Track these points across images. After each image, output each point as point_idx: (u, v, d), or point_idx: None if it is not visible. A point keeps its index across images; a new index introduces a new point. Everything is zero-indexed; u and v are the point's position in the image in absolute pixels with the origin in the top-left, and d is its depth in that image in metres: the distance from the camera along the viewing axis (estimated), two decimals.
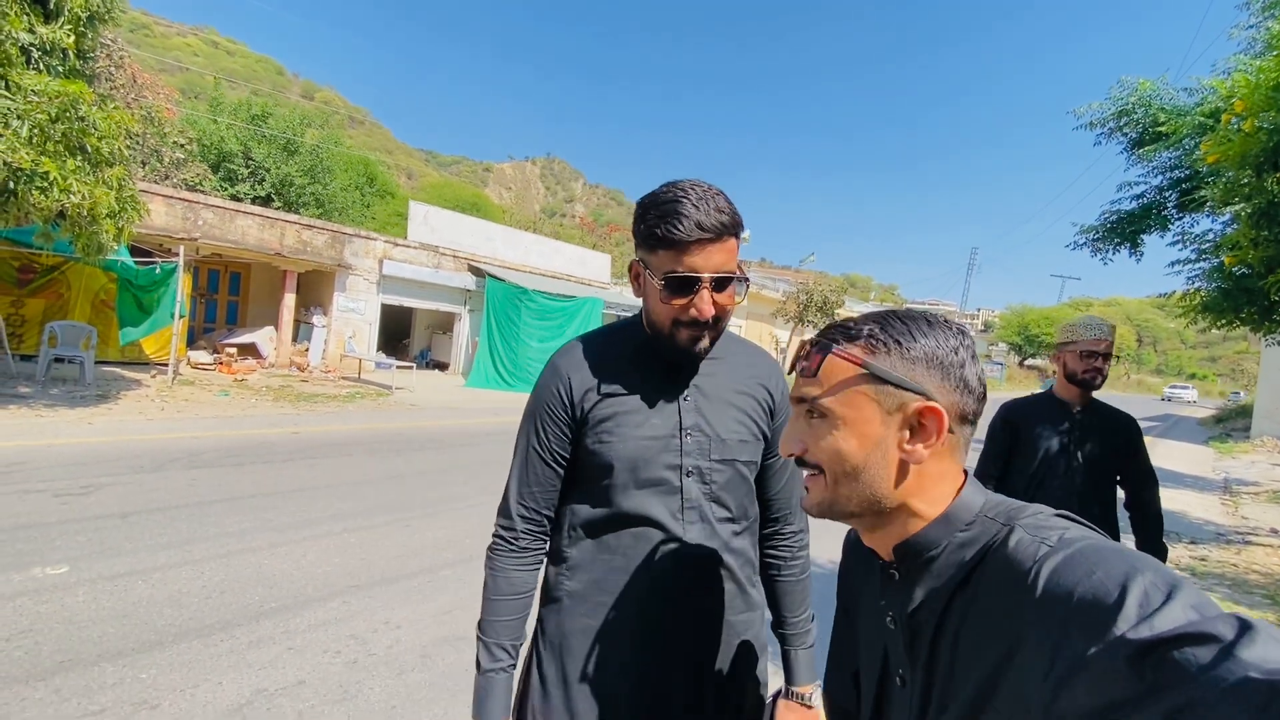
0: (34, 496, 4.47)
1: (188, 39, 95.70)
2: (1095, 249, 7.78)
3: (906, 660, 0.68)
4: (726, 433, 1.12)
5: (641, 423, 1.08)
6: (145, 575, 3.45)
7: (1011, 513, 0.64)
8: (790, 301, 25.89)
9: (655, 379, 1.11)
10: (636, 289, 1.11)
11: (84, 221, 6.41)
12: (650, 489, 1.08)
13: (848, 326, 0.70)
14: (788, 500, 1.23)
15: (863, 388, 0.66)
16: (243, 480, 5.43)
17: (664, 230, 0.98)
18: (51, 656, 2.63)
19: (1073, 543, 0.55)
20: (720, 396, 1.14)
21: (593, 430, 1.09)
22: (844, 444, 0.66)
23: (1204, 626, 0.43)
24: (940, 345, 0.67)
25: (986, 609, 0.60)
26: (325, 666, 2.77)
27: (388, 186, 33.03)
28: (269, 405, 9.43)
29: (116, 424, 7.12)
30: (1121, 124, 6.83)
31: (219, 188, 18.44)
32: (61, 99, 5.70)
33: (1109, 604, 0.48)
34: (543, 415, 1.12)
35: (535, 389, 1.16)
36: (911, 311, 0.71)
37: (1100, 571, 0.51)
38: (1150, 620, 0.45)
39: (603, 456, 1.08)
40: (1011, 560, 0.58)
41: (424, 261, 15.59)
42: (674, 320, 1.04)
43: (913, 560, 0.68)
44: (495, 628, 1.11)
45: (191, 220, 11.79)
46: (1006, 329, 52.81)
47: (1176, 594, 0.47)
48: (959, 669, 0.61)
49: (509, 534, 1.14)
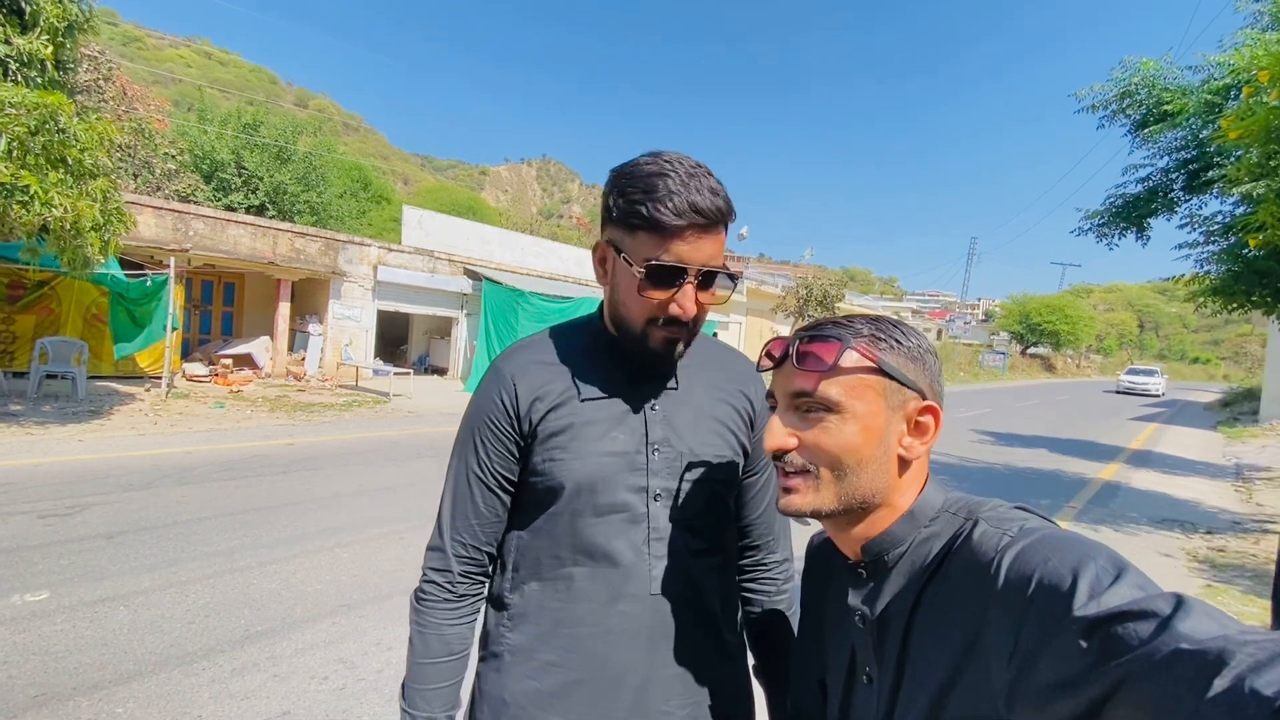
0: (18, 519, 4.35)
1: (180, 51, 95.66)
2: (1101, 234, 7.65)
3: (874, 659, 0.69)
4: (701, 447, 0.94)
5: (601, 435, 0.90)
6: (127, 600, 3.32)
7: (973, 507, 0.66)
8: (790, 296, 25.76)
9: (618, 384, 0.93)
10: (602, 275, 0.93)
11: (68, 235, 6.28)
12: (610, 516, 0.89)
13: (843, 323, 0.70)
14: (769, 526, 1.05)
15: (872, 382, 0.67)
16: (234, 495, 5.31)
17: (650, 209, 0.82)
18: (25, 691, 2.51)
19: (1032, 532, 0.58)
20: (694, 405, 0.96)
21: (542, 445, 0.91)
22: (851, 437, 0.66)
23: (1145, 604, 0.47)
24: (924, 347, 0.70)
25: (953, 599, 0.62)
26: (312, 694, 2.64)
27: (383, 192, 32.92)
28: (265, 416, 9.31)
29: (107, 440, 7.00)
30: (1125, 105, 6.68)
31: (212, 198, 18.32)
32: (40, 111, 5.57)
33: (1064, 589, 0.51)
34: (483, 430, 0.94)
35: (474, 399, 0.97)
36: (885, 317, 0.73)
37: (1055, 559, 0.54)
38: (1099, 599, 0.49)
39: (553, 477, 0.90)
40: (976, 552, 0.61)
41: (419, 266, 15.46)
42: (648, 319, 0.87)
43: (880, 558, 0.69)
44: (425, 697, 0.92)
45: (182, 231, 11.67)
46: (1008, 318, 52.44)
47: (1124, 575, 0.50)
48: (928, 661, 0.63)
49: (443, 578, 0.95)
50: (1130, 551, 5.39)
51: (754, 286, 27.85)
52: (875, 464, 0.67)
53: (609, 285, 0.92)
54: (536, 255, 19.16)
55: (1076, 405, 23.11)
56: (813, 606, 0.86)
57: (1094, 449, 11.79)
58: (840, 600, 0.75)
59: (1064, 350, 55.04)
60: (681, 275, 0.84)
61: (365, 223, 26.06)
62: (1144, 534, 6.00)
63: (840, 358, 0.67)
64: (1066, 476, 8.71)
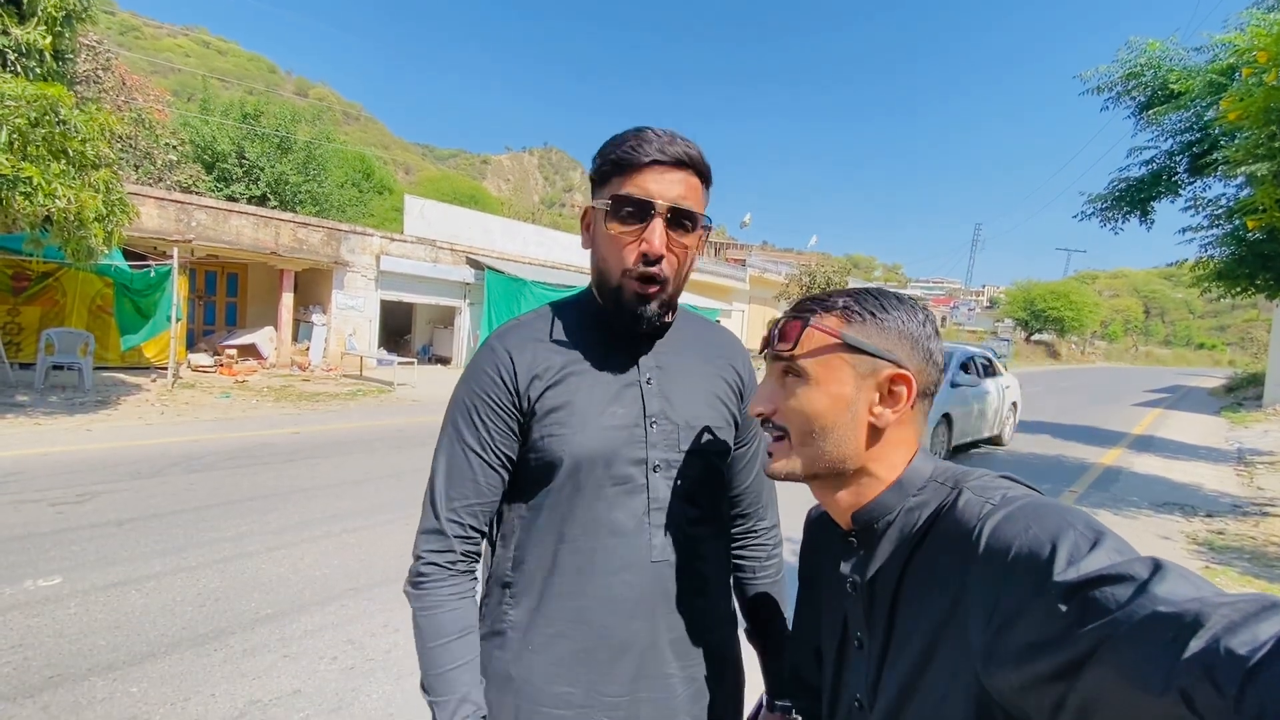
0: (29, 507, 4.41)
1: (179, 40, 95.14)
2: (1105, 218, 7.61)
3: (865, 624, 0.72)
4: (696, 420, 0.97)
5: (599, 410, 0.92)
6: (139, 584, 3.38)
7: (959, 476, 0.68)
8: (793, 284, 25.69)
9: (612, 358, 0.95)
10: (586, 239, 0.96)
11: (71, 226, 6.30)
12: (610, 489, 0.91)
13: (823, 299, 0.73)
14: (759, 494, 1.09)
15: (840, 353, 0.69)
16: (241, 483, 5.36)
17: (620, 153, 0.86)
18: (41, 672, 2.57)
19: (1014, 500, 0.60)
20: (687, 378, 0.99)
21: (540, 422, 0.91)
22: (817, 404, 0.69)
23: (1123, 568, 0.48)
24: (910, 319, 0.71)
25: (937, 567, 0.64)
26: (322, 674, 2.69)
27: (385, 182, 32.83)
28: (270, 406, 9.37)
29: (115, 430, 7.06)
30: (1130, 87, 6.62)
31: (214, 189, 18.31)
32: (40, 102, 5.58)
33: (1043, 555, 0.52)
34: (481, 406, 0.93)
35: (466, 377, 0.96)
36: (883, 289, 0.75)
37: (1036, 526, 0.55)
38: (1077, 564, 0.50)
39: (554, 452, 0.90)
40: (960, 520, 0.62)
41: (422, 256, 15.46)
42: (623, 269, 0.89)
43: (870, 526, 0.71)
44: (448, 680, 0.88)
45: (185, 222, 11.68)
46: (1012, 304, 52.24)
47: (1102, 541, 0.52)
48: (913, 625, 0.65)
49: (443, 558, 0.92)
50: (1129, 534, 5.42)
51: (756, 274, 27.78)
52: (840, 429, 0.69)
53: (590, 245, 0.95)
54: (539, 244, 19.13)
55: (1081, 392, 23.07)
56: (810, 576, 0.89)
57: (1097, 434, 11.79)
58: (834, 569, 0.78)
59: (1069, 337, 54.84)
60: (649, 209, 0.85)
61: (367, 212, 26.01)
62: (1144, 517, 6.03)
63: (801, 336, 0.70)
64: (1069, 462, 8.73)
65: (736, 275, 26.88)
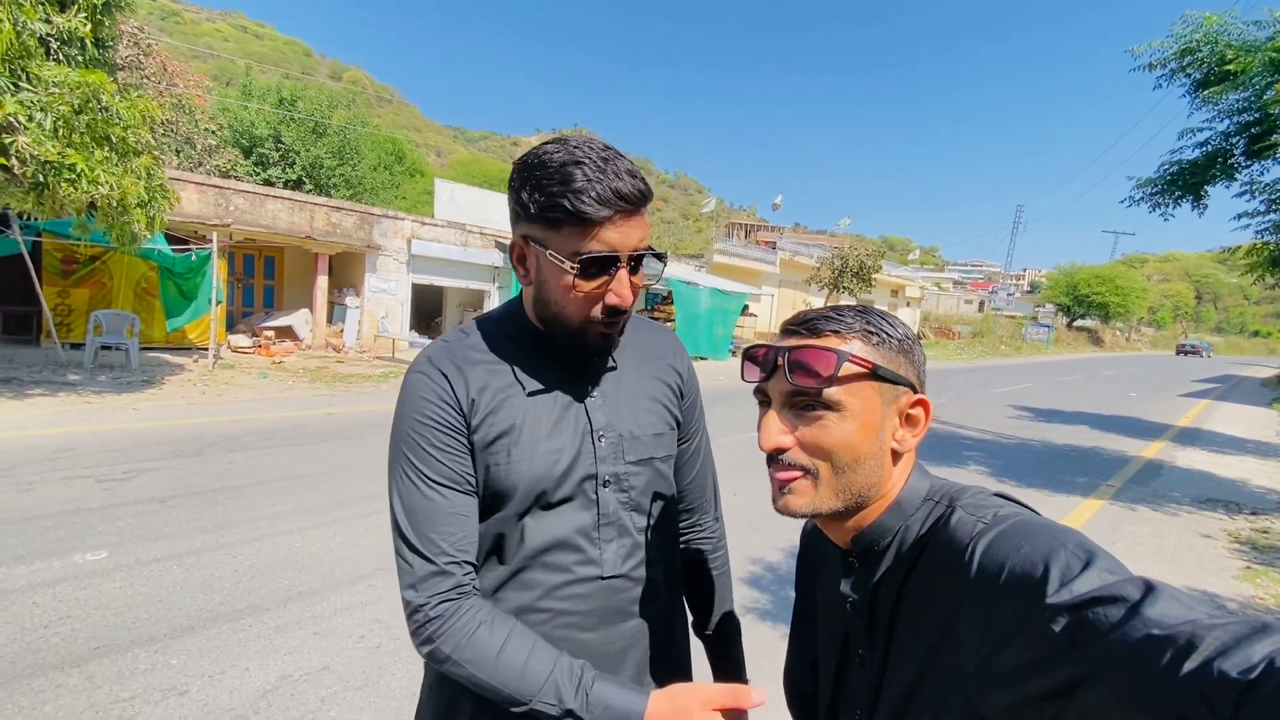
0: (78, 482, 4.62)
1: (217, 24, 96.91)
2: (1154, 203, 7.28)
3: (867, 643, 0.72)
4: (640, 429, 0.96)
5: (546, 432, 0.89)
6: (180, 560, 3.53)
7: (953, 494, 0.68)
8: (825, 267, 25.26)
9: (554, 376, 0.93)
10: (523, 274, 0.90)
11: (115, 212, 6.52)
12: (561, 507, 0.89)
13: (835, 317, 0.69)
14: (703, 488, 1.10)
15: (869, 381, 0.67)
16: (277, 462, 5.54)
17: (573, 202, 0.79)
18: (87, 643, 2.70)
19: (1005, 519, 0.59)
20: (629, 387, 0.97)
21: (488, 450, 0.87)
22: (851, 436, 0.66)
23: (1115, 589, 0.48)
24: (910, 337, 0.70)
25: (931, 585, 0.64)
26: (349, 651, 2.78)
27: (417, 165, 33.17)
28: (305, 387, 9.63)
29: (160, 409, 7.34)
30: (1185, 64, 6.28)
31: (251, 173, 18.73)
32: (83, 90, 5.74)
33: (1035, 576, 0.52)
34: (433, 433, 0.86)
35: (405, 409, 0.88)
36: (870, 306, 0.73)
37: (1028, 546, 0.55)
38: (1069, 585, 0.50)
39: (503, 481, 0.87)
40: (952, 539, 0.62)
41: (452, 240, 15.61)
42: (586, 317, 0.86)
43: (870, 548, 0.71)
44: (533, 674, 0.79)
45: (223, 206, 11.98)
46: (1054, 289, 50.58)
47: (1093, 561, 0.51)
48: (909, 645, 0.65)
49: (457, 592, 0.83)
50: (1169, 532, 5.25)
51: (787, 258, 27.39)
52: (872, 459, 0.67)
53: (533, 283, 0.89)
54: None
55: (1124, 381, 22.33)
56: (807, 589, 0.89)
57: (1138, 426, 11.41)
58: (833, 586, 0.77)
59: (1113, 323, 53.02)
60: (614, 264, 0.83)
61: (399, 195, 26.33)
62: (1185, 514, 5.83)
63: (839, 369, 0.65)
64: (1106, 454, 8.47)
65: (766, 258, 26.54)
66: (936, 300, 47.20)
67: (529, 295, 0.92)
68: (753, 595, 3.59)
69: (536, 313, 0.91)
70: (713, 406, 9.70)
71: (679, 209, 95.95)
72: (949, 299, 50.81)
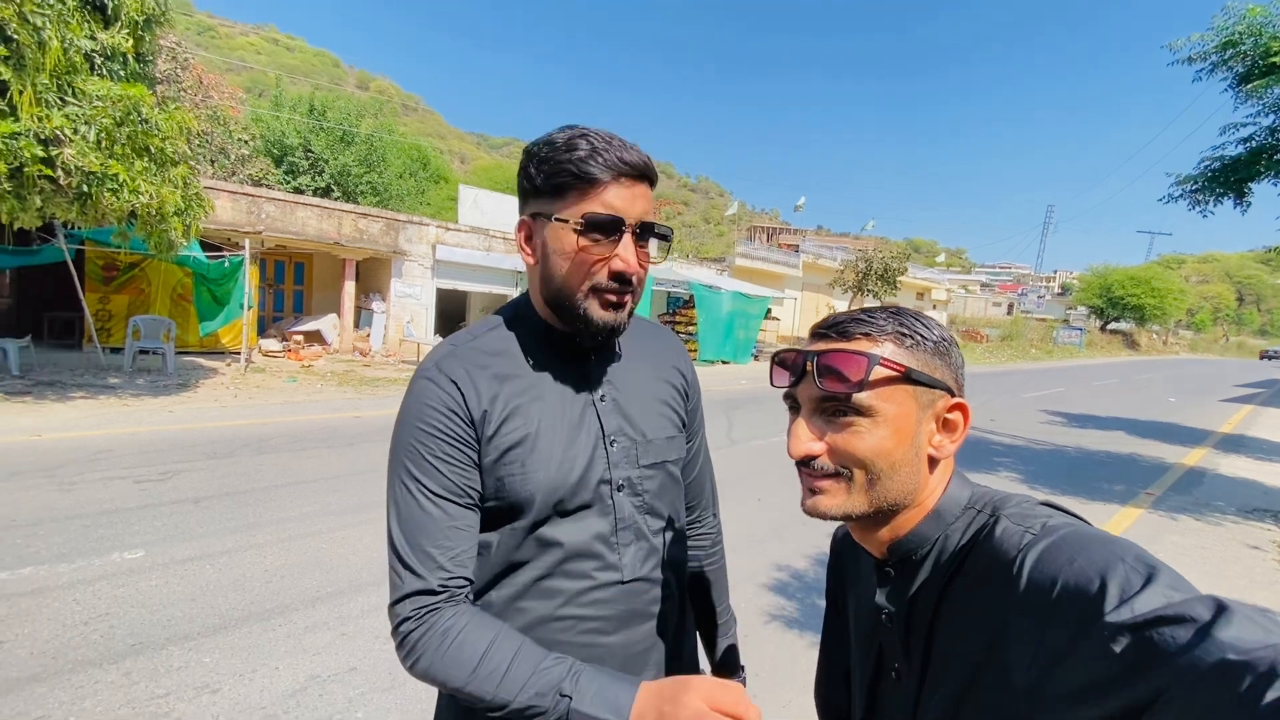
0: (117, 483, 4.75)
1: (250, 38, 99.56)
2: (1194, 201, 7.06)
3: (903, 655, 0.69)
4: (652, 432, 0.95)
5: (559, 439, 0.88)
6: (213, 559, 3.60)
7: (997, 503, 0.65)
8: (848, 270, 24.98)
9: (564, 379, 0.91)
10: (528, 254, 0.88)
11: (153, 220, 6.71)
12: (577, 514, 0.88)
13: (867, 320, 0.67)
14: (702, 487, 1.13)
15: (903, 385, 0.65)
16: (306, 465, 5.63)
17: (579, 166, 0.79)
18: (124, 640, 2.76)
19: (1055, 530, 0.57)
20: (639, 389, 0.97)
21: (501, 461, 0.85)
22: (885, 441, 0.64)
23: (1182, 609, 0.45)
24: (947, 338, 0.68)
25: (974, 598, 0.61)
26: (376, 653, 2.80)
27: (441, 171, 33.67)
28: (333, 390, 9.79)
29: (194, 411, 7.53)
30: (1226, 57, 6.08)
31: (282, 181, 19.19)
32: (124, 103, 5.93)
33: (1091, 591, 0.49)
34: (437, 443, 0.83)
35: (408, 415, 0.85)
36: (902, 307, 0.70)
37: (1081, 559, 0.52)
38: (1130, 603, 0.47)
39: (519, 491, 0.84)
40: (997, 550, 0.59)
41: (475, 245, 15.79)
42: (591, 285, 0.84)
43: (909, 557, 0.68)
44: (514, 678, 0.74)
45: (255, 214, 12.27)
46: (1087, 291, 49.32)
47: (1156, 577, 0.48)
48: (950, 659, 0.62)
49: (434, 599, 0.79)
50: (1214, 543, 5.06)
51: (810, 260, 27.16)
52: (908, 466, 0.65)
53: (539, 261, 0.87)
54: None
55: (1162, 385, 21.67)
56: (839, 600, 0.86)
57: (1178, 432, 11.05)
58: (867, 596, 0.75)
59: (1149, 326, 51.55)
60: (620, 225, 0.81)
61: (424, 201, 26.75)
62: (1230, 524, 5.61)
63: (869, 374, 0.63)
64: (1144, 461, 8.21)
65: (789, 261, 26.35)
66: (964, 303, 46.39)
67: (535, 281, 0.90)
68: (779, 603, 3.54)
69: (543, 295, 0.89)
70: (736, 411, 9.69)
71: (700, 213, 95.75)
72: (976, 301, 49.90)
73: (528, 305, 0.94)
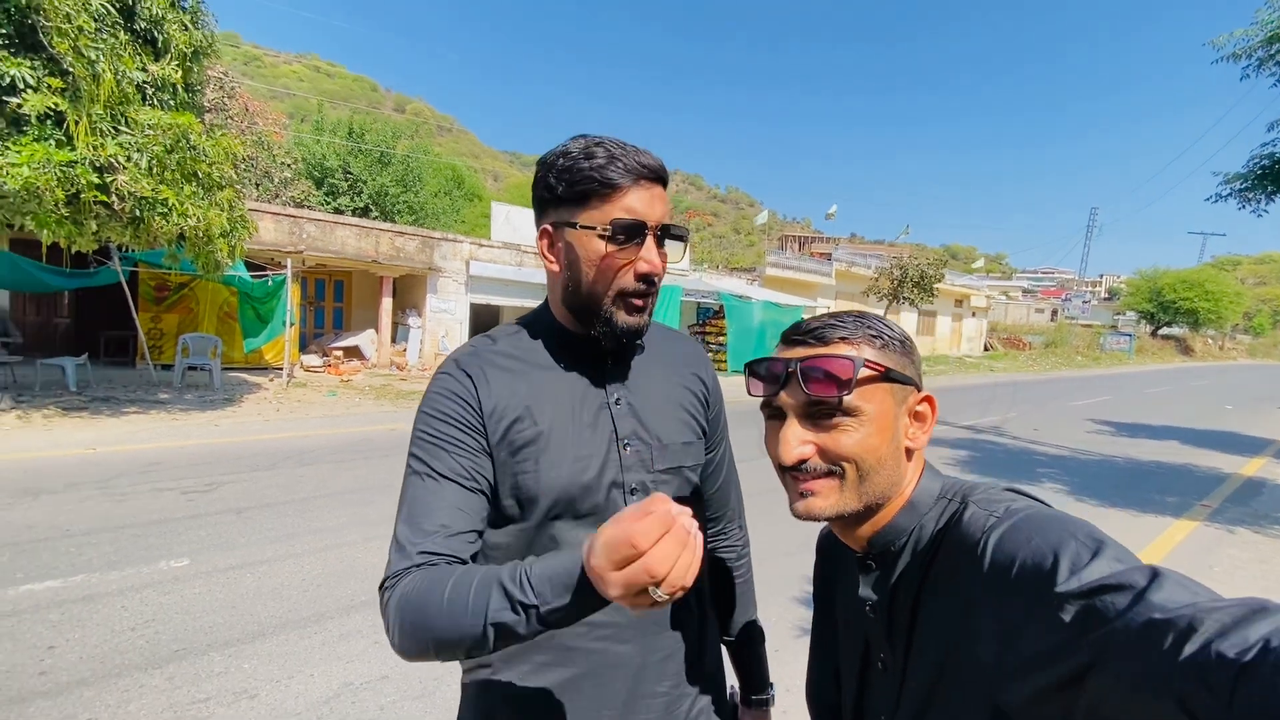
0: (165, 494, 4.94)
1: (293, 66, 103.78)
2: (1244, 199, 6.77)
3: (887, 645, 0.71)
4: (668, 437, 0.94)
5: (571, 440, 0.88)
6: (254, 568, 3.71)
7: (966, 491, 0.68)
8: (883, 277, 24.59)
9: (579, 381, 0.92)
10: (551, 261, 0.90)
11: (201, 242, 7.02)
12: (589, 519, 0.88)
13: (839, 324, 0.70)
14: (726, 497, 1.10)
15: (881, 383, 0.68)
16: (344, 476, 5.77)
17: (600, 173, 0.81)
18: (169, 645, 2.86)
19: (1016, 513, 0.60)
20: (655, 394, 0.96)
21: (514, 459, 0.86)
22: (872, 439, 0.67)
23: (1122, 577, 0.49)
24: (906, 336, 0.72)
25: (946, 583, 0.64)
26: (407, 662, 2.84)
27: (475, 189, 34.42)
28: (371, 404, 10.03)
29: (239, 425, 7.79)
30: (1273, 52, 5.84)
31: (323, 202, 19.86)
32: (174, 131, 6.24)
33: (1046, 567, 0.53)
34: (446, 428, 0.84)
35: (426, 404, 0.87)
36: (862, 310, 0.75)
37: (1038, 538, 0.56)
38: (1078, 574, 0.51)
39: (529, 490, 0.85)
40: (965, 534, 0.63)
41: (508, 260, 16.05)
42: (618, 290, 0.85)
43: (886, 549, 0.71)
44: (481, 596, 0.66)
45: (296, 234, 12.71)
46: (1135, 295, 47.39)
47: (1102, 550, 0.52)
48: (928, 642, 0.65)
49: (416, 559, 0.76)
50: (1274, 555, 4.80)
51: (843, 269, 26.81)
52: (892, 459, 0.69)
53: (563, 268, 0.89)
54: None
55: (1218, 392, 20.70)
56: (825, 596, 0.89)
57: (1235, 441, 10.53)
58: (851, 591, 0.77)
59: (1204, 331, 49.34)
60: (643, 229, 0.83)
61: (459, 219, 27.34)
62: None
63: (857, 374, 0.66)
64: (1199, 472, 7.84)
65: (822, 270, 26.06)
66: (1005, 310, 45.12)
67: (557, 287, 0.91)
68: (807, 616, 3.48)
69: (566, 302, 0.90)
70: None
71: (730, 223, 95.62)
72: (1018, 308, 48.49)
73: (546, 310, 0.96)
